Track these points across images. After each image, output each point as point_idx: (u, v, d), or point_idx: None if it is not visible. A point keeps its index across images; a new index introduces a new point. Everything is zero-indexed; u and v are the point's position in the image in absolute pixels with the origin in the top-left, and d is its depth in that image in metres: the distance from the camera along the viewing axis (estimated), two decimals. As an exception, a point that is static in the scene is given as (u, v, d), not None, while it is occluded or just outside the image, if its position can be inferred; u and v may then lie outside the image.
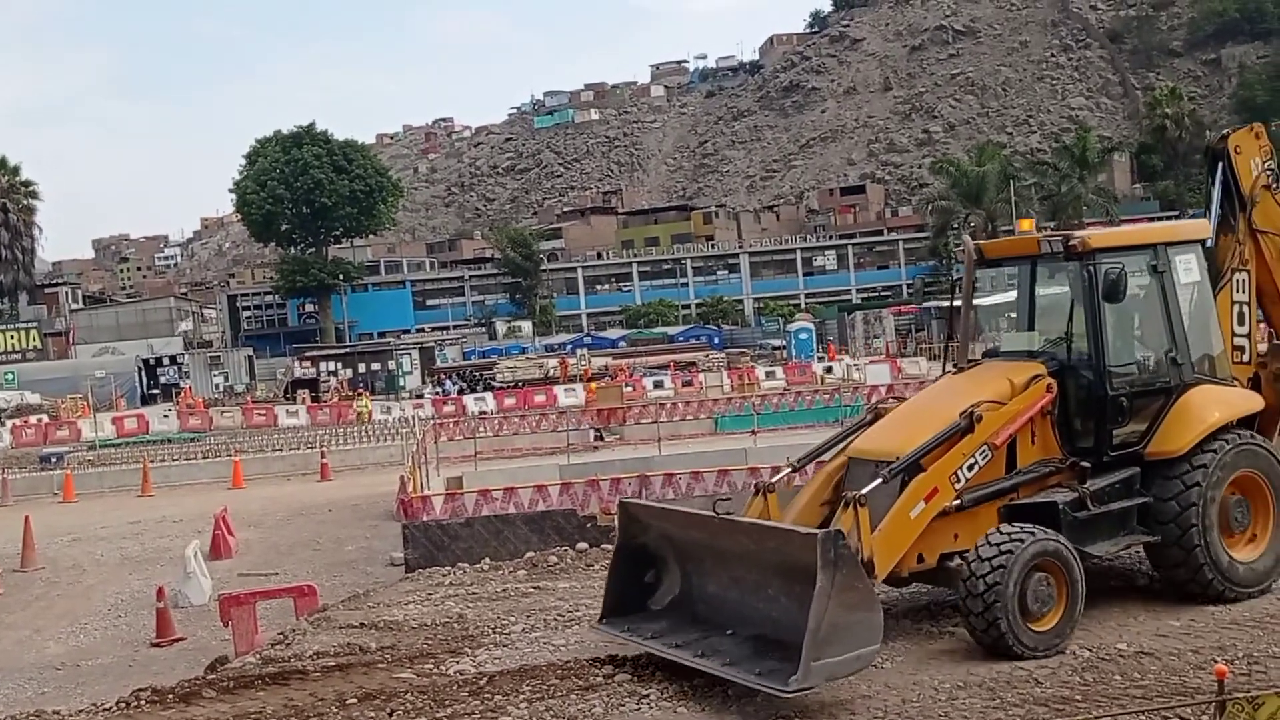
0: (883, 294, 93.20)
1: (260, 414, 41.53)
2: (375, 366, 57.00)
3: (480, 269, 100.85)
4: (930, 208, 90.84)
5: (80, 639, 12.06)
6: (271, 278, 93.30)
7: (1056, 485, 8.99)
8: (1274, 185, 10.43)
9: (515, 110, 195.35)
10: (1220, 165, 10.42)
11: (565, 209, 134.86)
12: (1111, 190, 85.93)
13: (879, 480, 8.40)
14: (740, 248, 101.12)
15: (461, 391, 47.59)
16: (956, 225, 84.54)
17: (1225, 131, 10.95)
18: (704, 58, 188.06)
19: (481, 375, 54.23)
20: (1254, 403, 9.75)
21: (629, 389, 41.01)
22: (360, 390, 49.18)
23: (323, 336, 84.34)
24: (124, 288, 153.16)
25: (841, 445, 9.53)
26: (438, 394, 47.68)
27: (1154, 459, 9.17)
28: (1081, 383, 9.25)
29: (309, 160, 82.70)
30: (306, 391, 50.90)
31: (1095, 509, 8.85)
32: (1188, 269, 9.72)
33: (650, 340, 73.31)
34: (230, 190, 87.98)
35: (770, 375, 45.39)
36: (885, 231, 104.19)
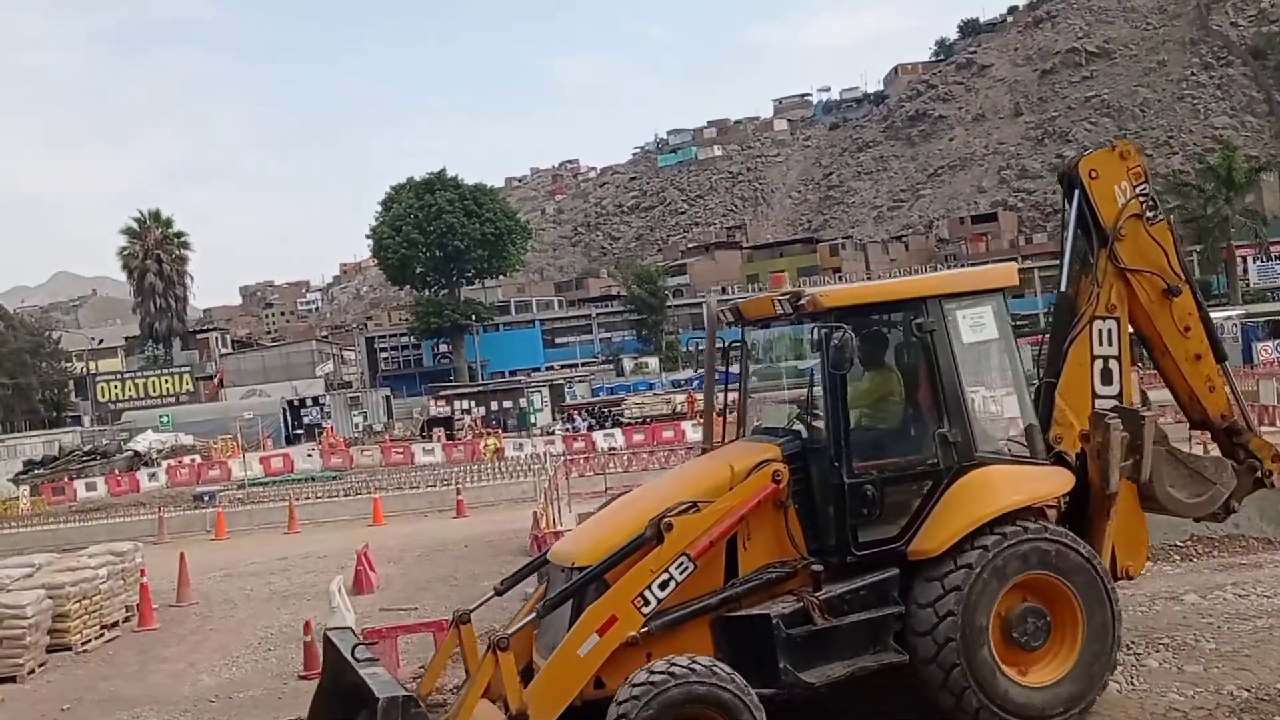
0: (1018, 323, 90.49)
1: (398, 452, 42.57)
2: (507, 404, 58.01)
3: (607, 307, 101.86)
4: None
5: (232, 671, 12.49)
6: (407, 319, 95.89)
7: (787, 593, 7.35)
8: (1149, 215, 8.70)
9: (639, 149, 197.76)
10: (1076, 194, 8.75)
11: (690, 245, 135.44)
12: (1260, 211, 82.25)
13: (533, 613, 7.33)
14: (868, 279, 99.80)
15: (591, 428, 47.99)
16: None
17: (1082, 152, 9.21)
18: (827, 90, 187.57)
19: (610, 411, 54.63)
20: (1053, 486, 7.86)
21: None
22: (486, 430, 50.01)
23: (456, 375, 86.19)
24: (269, 332, 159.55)
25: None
26: (568, 430, 48.16)
27: (916, 559, 7.43)
28: (820, 468, 7.62)
29: (441, 205, 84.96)
30: (442, 429, 51.99)
31: (824, 622, 7.18)
32: (977, 325, 7.97)
33: (778, 375, 72.63)
34: (367, 236, 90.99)
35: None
36: (1019, 259, 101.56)
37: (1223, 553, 13.24)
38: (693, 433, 40.97)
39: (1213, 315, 9.45)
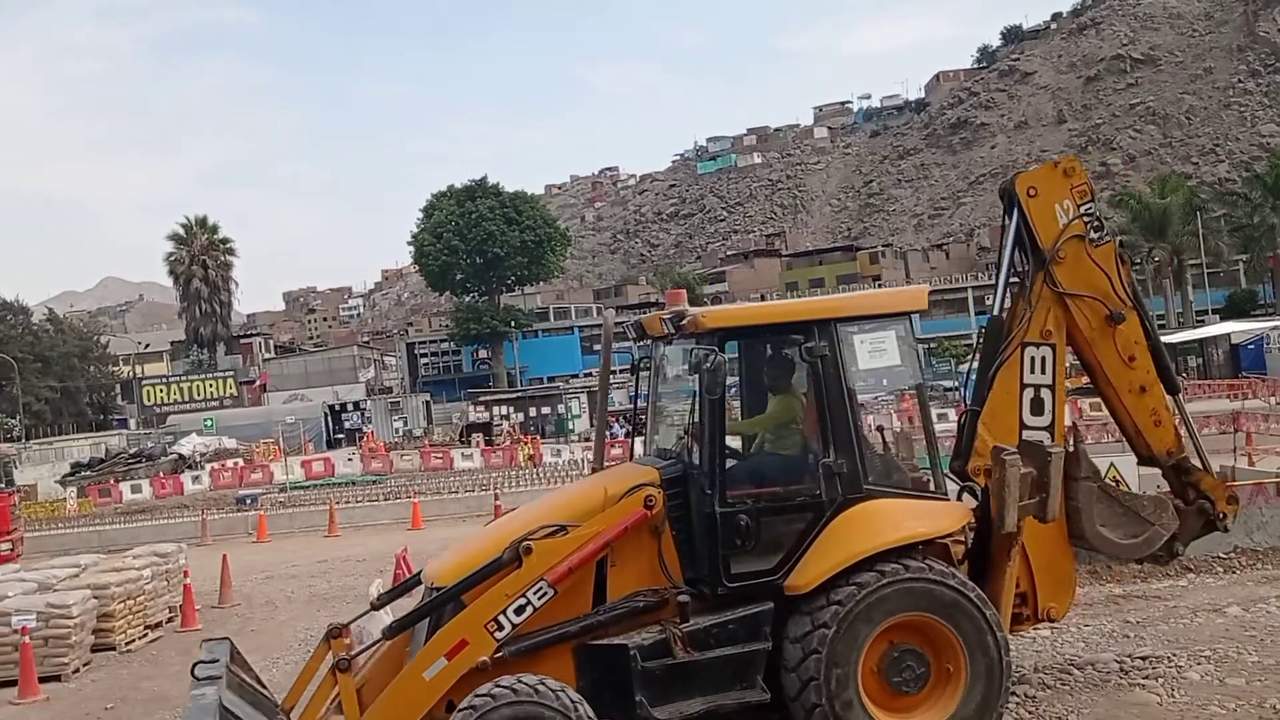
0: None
1: (437, 457, 42.84)
2: (545, 410, 58.22)
3: (646, 314, 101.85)
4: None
5: (273, 672, 12.62)
6: (447, 325, 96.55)
7: (654, 623, 7.06)
8: (1093, 236, 8.11)
9: (679, 157, 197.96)
10: (1015, 212, 8.22)
11: (729, 252, 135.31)
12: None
13: (382, 635, 7.09)
14: (908, 287, 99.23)
15: (628, 434, 48.02)
16: (1139, 260, 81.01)
17: (1022, 170, 8.69)
18: (868, 98, 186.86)
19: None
20: (943, 523, 7.33)
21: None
22: (522, 437, 50.20)
23: (495, 381, 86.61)
24: (311, 337, 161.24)
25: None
26: (606, 437, 48.15)
27: (790, 595, 7.09)
28: (697, 495, 7.29)
29: (482, 212, 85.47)
30: (480, 435, 52.27)
31: (685, 655, 6.89)
32: (877, 351, 7.59)
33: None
34: (408, 243, 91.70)
35: (942, 418, 44.23)
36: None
37: (1266, 565, 13.05)
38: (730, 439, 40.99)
39: (1258, 326, 8.99)
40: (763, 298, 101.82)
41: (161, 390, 75.41)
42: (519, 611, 6.88)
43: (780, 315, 8.12)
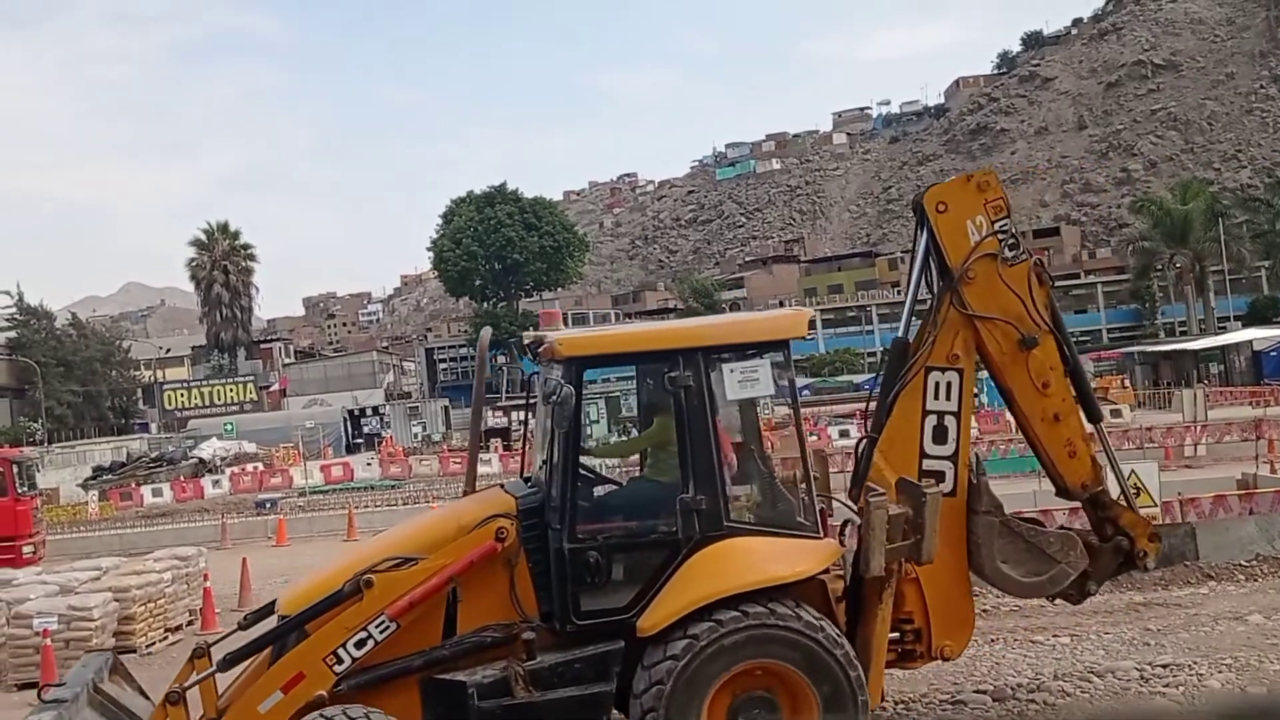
0: (1080, 339, 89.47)
1: (456, 462, 42.90)
2: (564, 416, 58.20)
3: (663, 320, 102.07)
4: (1131, 249, 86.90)
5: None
6: (466, 331, 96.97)
7: (501, 660, 6.85)
8: (1007, 255, 7.64)
9: (697, 163, 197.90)
10: (924, 228, 7.82)
11: (747, 259, 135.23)
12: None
13: (216, 666, 6.86)
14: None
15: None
16: (1161, 266, 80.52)
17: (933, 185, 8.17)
18: (887, 103, 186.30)
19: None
20: (802, 565, 6.88)
21: (813, 438, 40.57)
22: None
23: (514, 387, 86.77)
24: (331, 342, 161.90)
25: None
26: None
27: (642, 635, 6.78)
28: (550, 528, 7.06)
29: (501, 218, 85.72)
30: (499, 440, 52.36)
31: (525, 695, 6.62)
32: (749, 380, 7.19)
33: (835, 389, 72.39)
34: (428, 248, 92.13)
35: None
36: (1082, 274, 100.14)
37: (1289, 573, 12.95)
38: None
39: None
40: (781, 304, 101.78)
41: (182, 395, 75.90)
42: (359, 645, 6.69)
43: (643, 343, 7.73)
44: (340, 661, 6.68)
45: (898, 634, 7.55)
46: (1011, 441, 35.14)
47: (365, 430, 60.64)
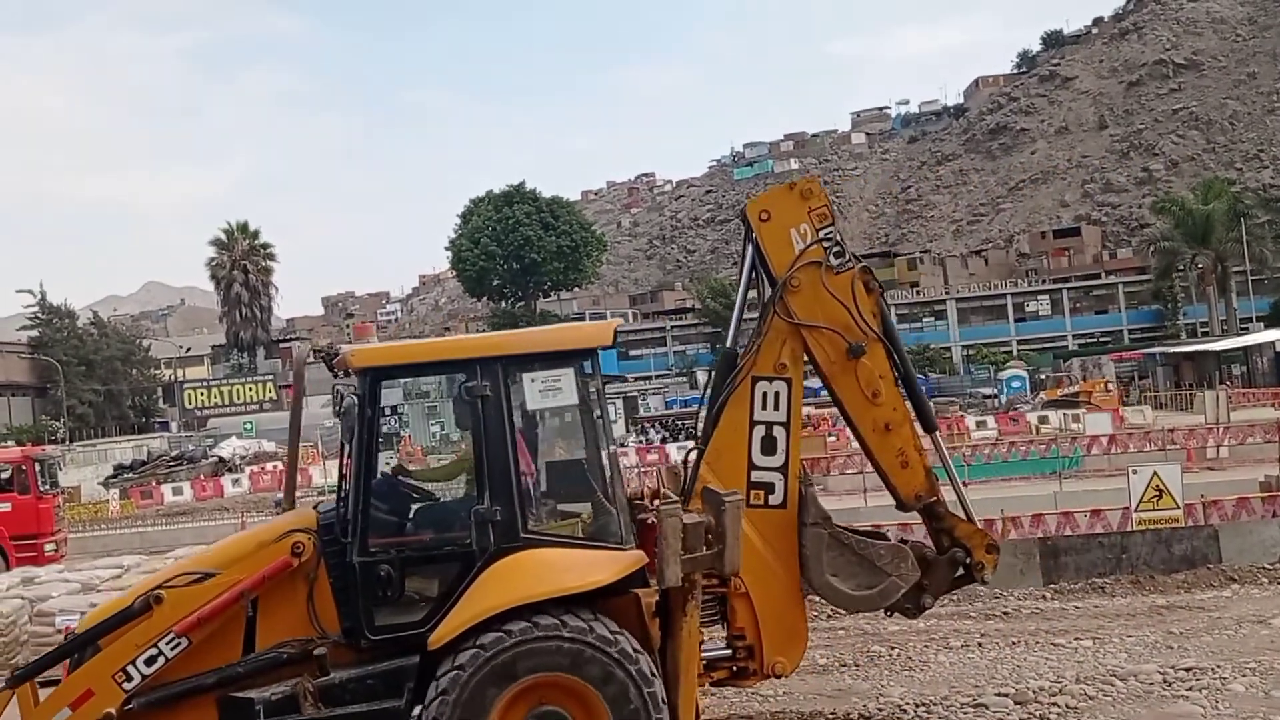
0: (1101, 339, 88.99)
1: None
2: (581, 416, 58.34)
3: (681, 319, 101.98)
4: (1152, 249, 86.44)
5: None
6: (484, 331, 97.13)
7: (296, 676, 6.77)
8: (832, 263, 7.58)
9: (715, 163, 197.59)
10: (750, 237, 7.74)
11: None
12: (1357, 226, 79.71)
13: (5, 684, 6.73)
14: (947, 294, 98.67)
15: (665, 440, 48.04)
16: (1182, 267, 80.00)
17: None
18: (906, 103, 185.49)
19: (684, 424, 54.60)
20: (596, 575, 6.66)
21: (833, 439, 40.46)
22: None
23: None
24: (350, 342, 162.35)
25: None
26: (641, 443, 48.29)
27: (431, 649, 6.67)
28: (344, 543, 6.98)
29: (519, 218, 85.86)
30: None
31: (314, 711, 6.57)
32: (550, 390, 7.14)
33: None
34: (446, 248, 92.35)
35: (981, 425, 43.92)
36: (1103, 275, 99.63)
37: (1314, 576, 12.85)
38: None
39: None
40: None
41: (202, 394, 76.37)
42: (149, 662, 6.62)
43: (440, 353, 7.73)
44: (130, 679, 6.59)
45: (730, 651, 7.46)
46: (1032, 444, 35.03)
47: (384, 429, 60.71)
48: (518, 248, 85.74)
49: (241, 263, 77.85)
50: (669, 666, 6.75)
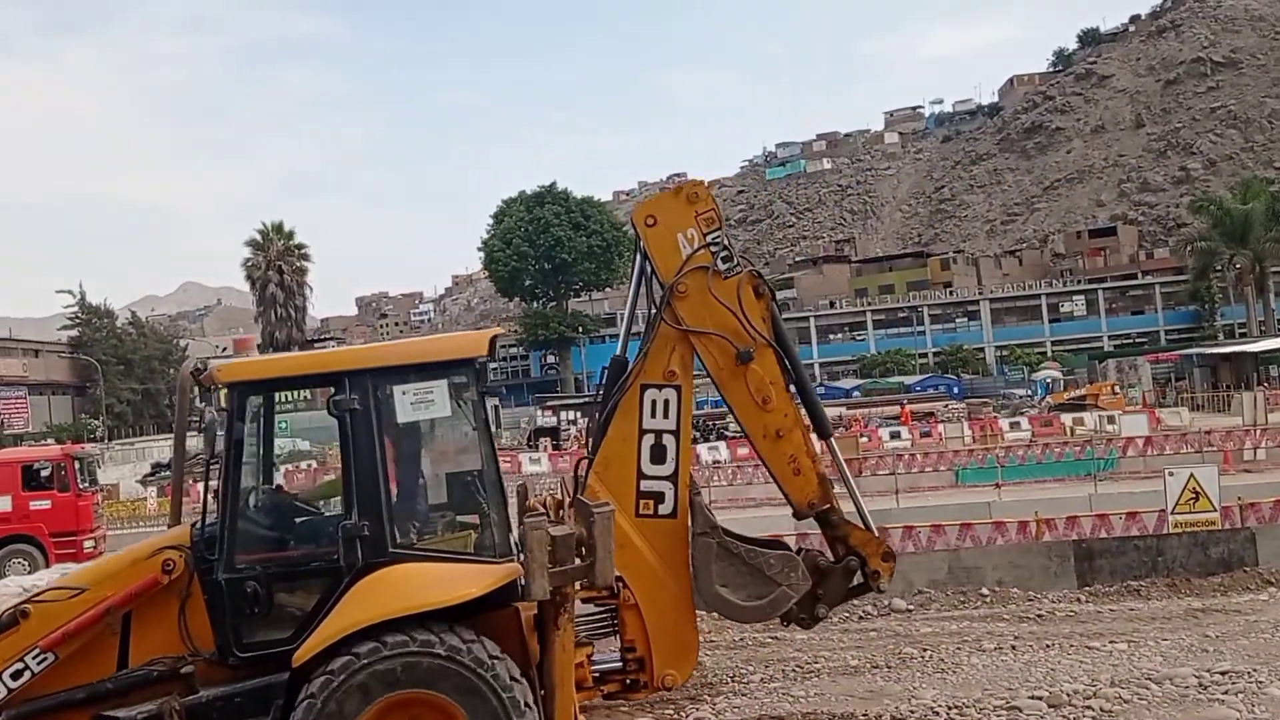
0: (1138, 340, 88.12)
1: (505, 461, 43.10)
2: (613, 416, 58.37)
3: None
4: (1189, 249, 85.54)
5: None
6: (515, 331, 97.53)
7: (166, 694, 6.70)
8: (720, 268, 7.43)
9: (747, 163, 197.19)
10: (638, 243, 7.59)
11: (797, 259, 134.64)
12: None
13: None
14: (980, 294, 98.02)
15: (695, 440, 48.06)
16: (1220, 267, 79.08)
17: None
18: (939, 102, 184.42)
19: (714, 424, 54.55)
20: (462, 589, 6.50)
21: (864, 440, 40.34)
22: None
23: (563, 386, 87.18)
24: (383, 341, 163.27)
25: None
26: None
27: (294, 667, 6.55)
28: (214, 559, 6.91)
29: (550, 218, 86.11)
30: (549, 439, 52.62)
31: None
32: (423, 403, 6.98)
33: (886, 390, 71.91)
34: (478, 249, 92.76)
35: (1015, 426, 43.63)
36: (1139, 275, 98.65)
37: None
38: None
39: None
40: (832, 304, 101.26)
41: (238, 393, 76.93)
42: (15, 676, 6.62)
43: (308, 367, 7.66)
44: None
45: (621, 663, 7.40)
46: (1066, 445, 34.75)
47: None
48: (549, 248, 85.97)
49: (276, 263, 78.37)
50: (545, 680, 6.68)
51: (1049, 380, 60.79)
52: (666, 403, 7.46)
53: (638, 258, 7.75)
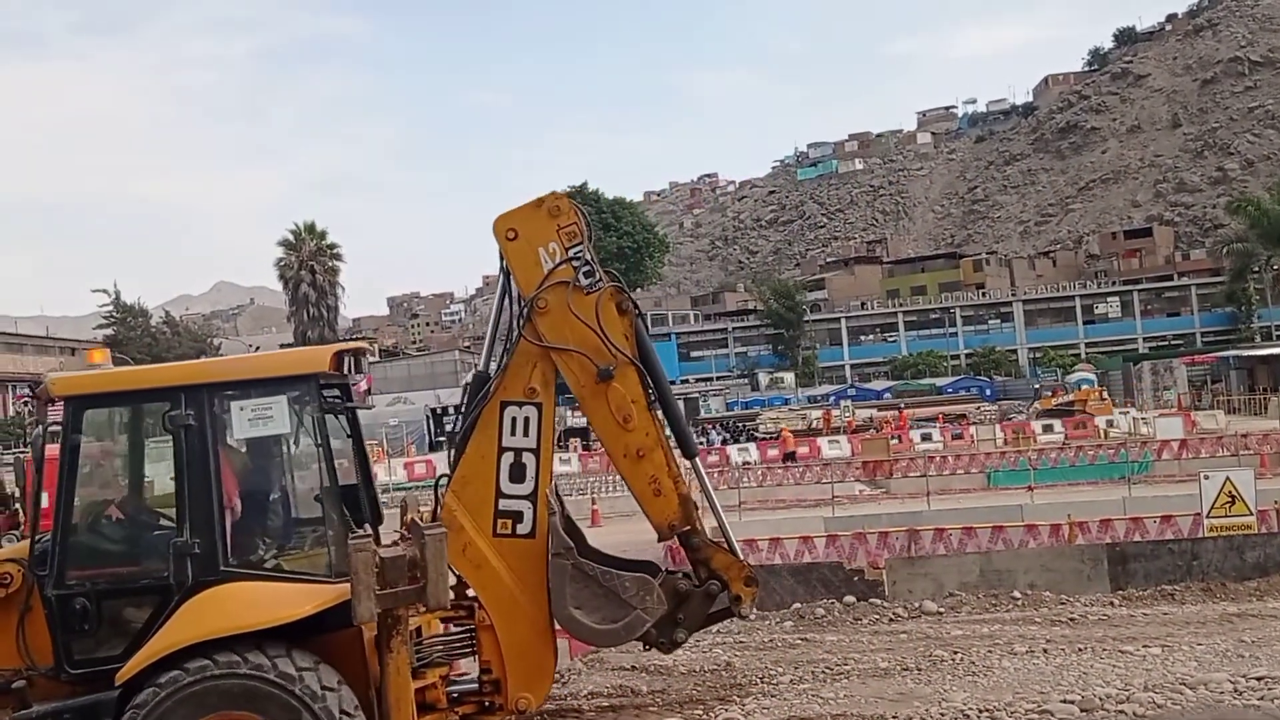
0: (1173, 343, 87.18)
1: (535, 461, 43.31)
2: (642, 417, 58.45)
3: (743, 321, 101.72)
4: (1226, 250, 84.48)
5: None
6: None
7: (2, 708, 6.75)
8: (582, 283, 7.28)
9: (778, 163, 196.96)
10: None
11: (828, 260, 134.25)
12: None
13: None
14: (1013, 295, 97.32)
15: (725, 442, 48.00)
16: (1257, 268, 78.14)
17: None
18: (973, 102, 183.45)
19: (745, 426, 54.53)
20: (286, 610, 6.50)
21: (895, 441, 40.17)
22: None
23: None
24: (414, 342, 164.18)
25: None
26: (702, 444, 48.26)
27: (119, 684, 6.52)
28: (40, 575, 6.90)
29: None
30: (578, 440, 52.70)
31: None
32: (261, 419, 6.95)
33: (917, 392, 71.58)
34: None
35: (1048, 428, 43.31)
36: (1175, 276, 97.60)
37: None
38: (828, 449, 40.68)
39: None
40: (863, 305, 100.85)
41: (271, 392, 77.56)
42: None
43: (144, 381, 7.58)
44: None
45: (477, 685, 7.32)
46: (1100, 448, 34.45)
47: (448, 428, 61.40)
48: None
49: (309, 263, 78.91)
50: (381, 703, 6.61)
51: (1089, 379, 60.24)
52: (527, 420, 7.31)
53: (500, 275, 7.58)
